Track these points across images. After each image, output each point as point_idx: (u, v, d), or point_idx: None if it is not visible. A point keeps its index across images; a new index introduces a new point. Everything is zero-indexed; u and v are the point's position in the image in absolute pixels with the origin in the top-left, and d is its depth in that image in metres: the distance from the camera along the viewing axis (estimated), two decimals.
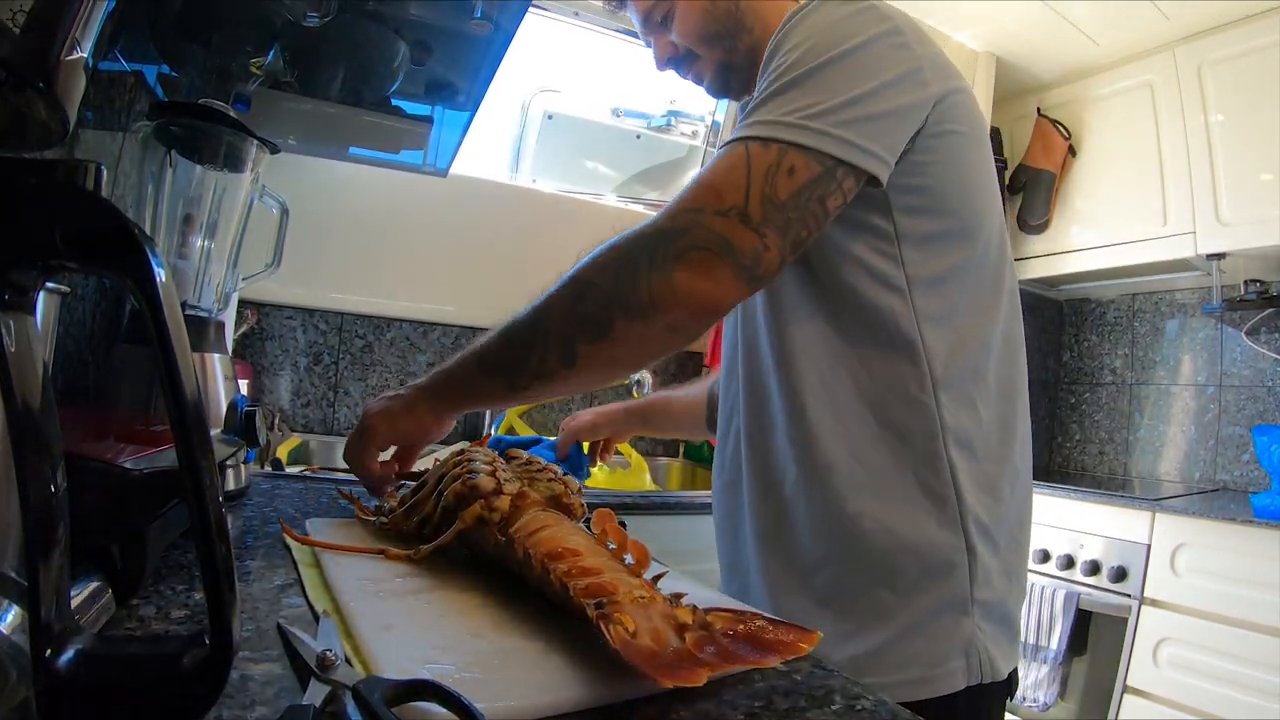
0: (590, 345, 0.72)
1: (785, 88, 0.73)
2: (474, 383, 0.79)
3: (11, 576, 0.33)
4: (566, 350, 0.73)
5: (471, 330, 1.93)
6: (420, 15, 1.04)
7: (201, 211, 0.95)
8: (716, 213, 0.69)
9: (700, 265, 0.68)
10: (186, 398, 0.31)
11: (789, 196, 0.70)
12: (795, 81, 0.72)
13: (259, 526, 0.76)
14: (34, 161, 0.31)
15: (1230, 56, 2.11)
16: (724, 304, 0.70)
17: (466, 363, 0.80)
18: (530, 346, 0.75)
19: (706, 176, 0.71)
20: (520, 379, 0.76)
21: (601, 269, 0.72)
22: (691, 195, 0.71)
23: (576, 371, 0.73)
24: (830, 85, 0.72)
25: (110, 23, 0.40)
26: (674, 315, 0.69)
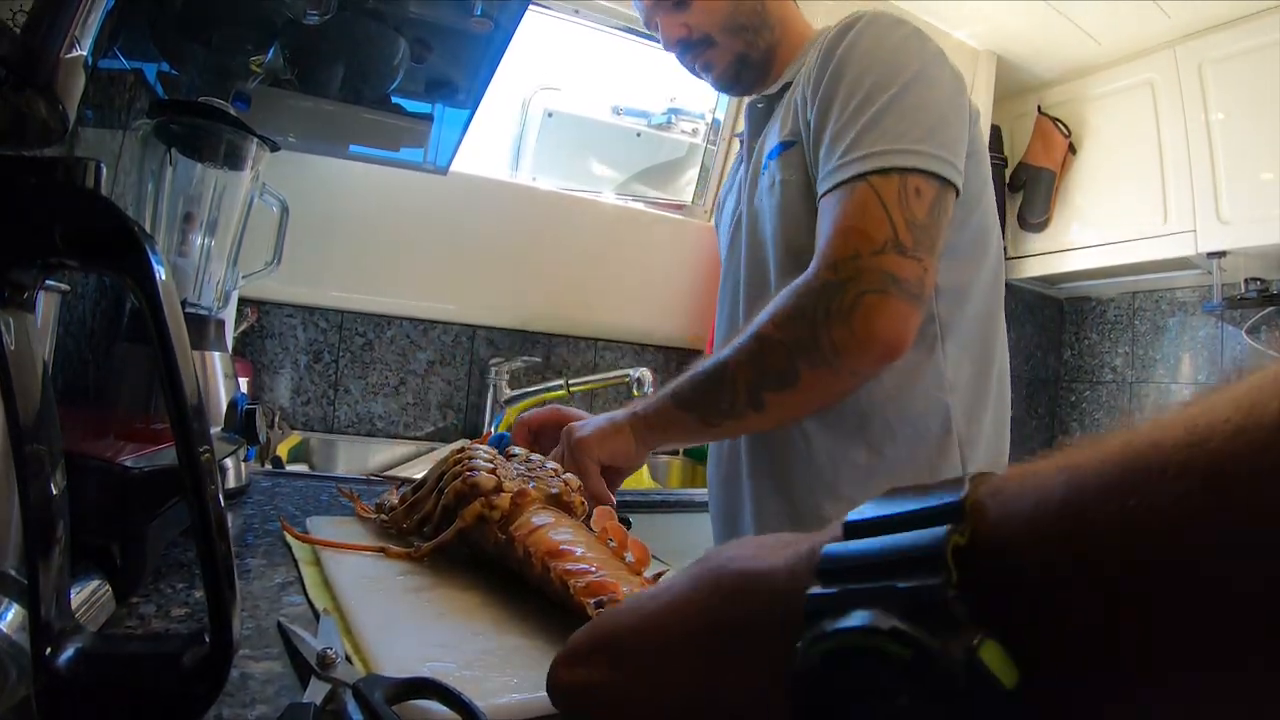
0: (777, 394, 0.76)
1: (877, 117, 0.76)
2: (670, 415, 0.84)
3: (12, 575, 0.33)
4: (754, 397, 0.77)
5: (472, 328, 1.93)
6: (420, 13, 1.04)
7: (201, 209, 0.95)
8: (873, 253, 0.72)
9: (874, 309, 0.71)
10: (186, 396, 0.31)
11: (926, 215, 0.75)
12: (884, 110, 0.76)
13: (259, 524, 0.76)
14: (34, 160, 0.31)
15: (1231, 55, 2.10)
16: (905, 339, 0.73)
17: (663, 399, 0.84)
18: (720, 391, 0.79)
19: (845, 222, 0.75)
20: (712, 417, 0.81)
21: (780, 325, 0.76)
22: (842, 243, 0.74)
23: (765, 414, 0.78)
24: (916, 111, 0.77)
25: (110, 21, 0.40)
26: (858, 361, 0.73)
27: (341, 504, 0.88)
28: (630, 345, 2.14)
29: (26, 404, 0.31)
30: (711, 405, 0.80)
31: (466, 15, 1.02)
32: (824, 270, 0.74)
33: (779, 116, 0.94)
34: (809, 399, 0.78)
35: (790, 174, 0.88)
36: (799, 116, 0.88)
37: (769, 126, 0.97)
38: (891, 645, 0.19)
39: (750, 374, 0.77)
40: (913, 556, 0.20)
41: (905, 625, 0.19)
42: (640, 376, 1.76)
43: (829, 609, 0.21)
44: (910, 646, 0.18)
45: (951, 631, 0.18)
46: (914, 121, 0.76)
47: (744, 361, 0.77)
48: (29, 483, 0.31)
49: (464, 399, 1.93)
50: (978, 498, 0.20)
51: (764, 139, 0.97)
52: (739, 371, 0.77)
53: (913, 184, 0.75)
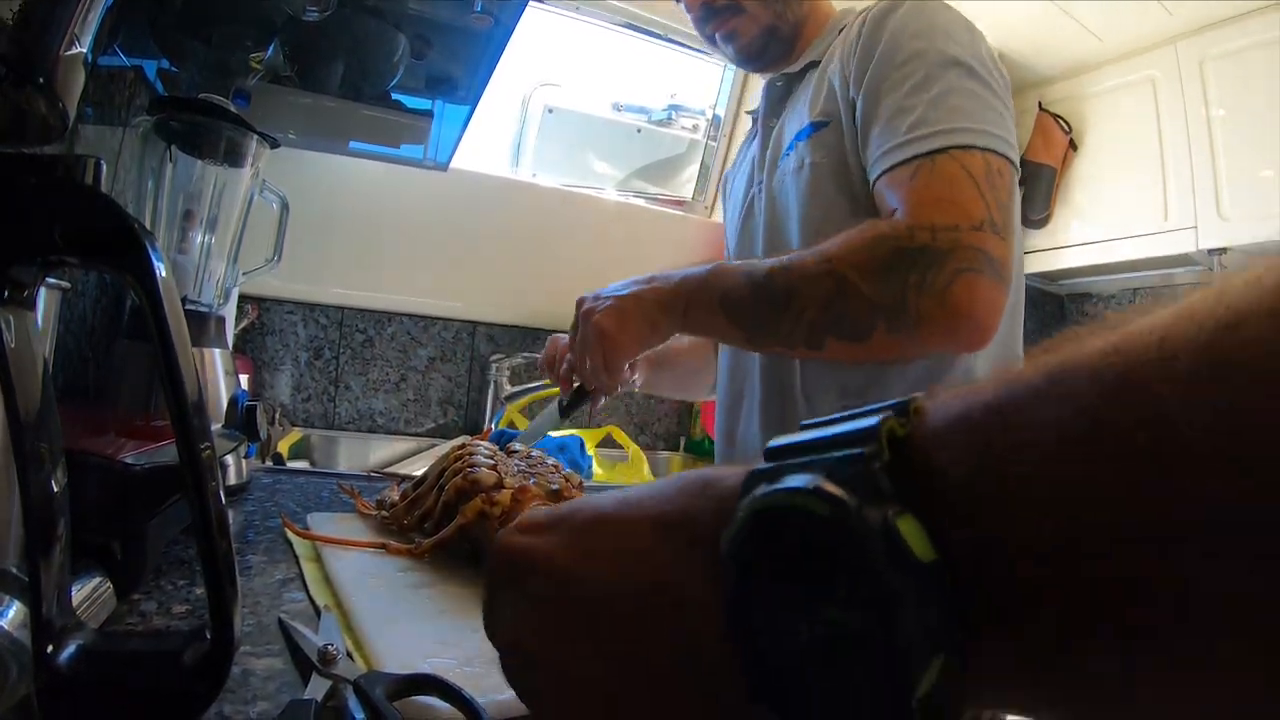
0: (841, 342, 0.72)
1: (945, 95, 0.74)
2: (713, 318, 0.78)
3: (13, 573, 0.33)
4: (815, 337, 0.73)
5: (473, 324, 1.93)
6: (420, 9, 1.03)
7: (202, 207, 0.95)
8: (972, 228, 0.69)
9: (972, 289, 0.68)
10: (187, 393, 0.31)
11: (1008, 198, 0.72)
12: (951, 90, 0.75)
13: (260, 521, 0.76)
14: (34, 158, 0.31)
15: (1232, 51, 2.10)
16: (995, 326, 0.70)
17: (709, 294, 0.78)
18: (779, 317, 0.74)
19: (937, 191, 0.71)
20: (760, 338, 0.77)
21: (866, 273, 0.70)
22: (938, 212, 0.70)
23: (819, 354, 0.75)
24: (981, 95, 0.75)
25: (110, 18, 0.40)
26: (942, 339, 0.70)
27: (342, 500, 0.88)
28: None
29: (27, 401, 0.31)
30: (764, 327, 0.75)
31: (466, 11, 1.02)
32: (920, 232, 0.70)
33: (805, 96, 0.91)
34: (871, 356, 0.75)
35: (821, 156, 0.85)
36: (836, 96, 0.85)
37: (791, 106, 0.94)
38: (813, 502, 0.19)
39: (820, 315, 0.72)
40: (852, 437, 0.20)
41: (828, 484, 0.19)
42: (638, 377, 1.76)
43: (765, 478, 0.21)
44: (830, 504, 0.19)
45: (874, 499, 0.19)
46: (983, 104, 0.75)
47: (817, 300, 0.72)
48: (30, 480, 0.31)
49: (464, 395, 1.93)
50: (921, 402, 0.21)
51: (784, 119, 0.94)
52: (808, 308, 0.72)
53: (995, 164, 0.73)
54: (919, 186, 0.72)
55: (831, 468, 0.20)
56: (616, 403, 2.14)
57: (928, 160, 0.73)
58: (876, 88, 0.79)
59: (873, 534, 0.18)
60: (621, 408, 2.16)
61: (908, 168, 0.74)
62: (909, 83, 0.76)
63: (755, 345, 0.78)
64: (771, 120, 0.98)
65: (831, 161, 0.85)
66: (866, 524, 0.18)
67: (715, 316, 0.78)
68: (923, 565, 0.18)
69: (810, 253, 0.75)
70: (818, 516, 0.19)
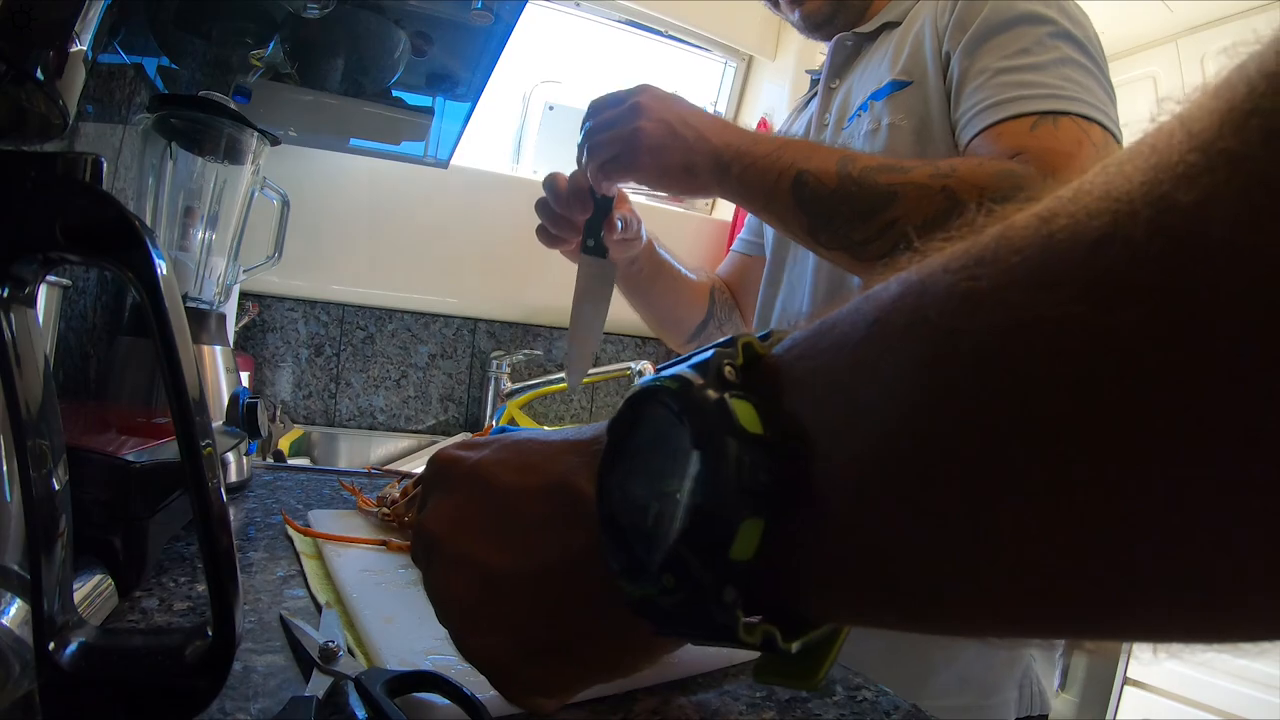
0: None
1: (1062, 62, 0.69)
2: (775, 195, 0.69)
3: (14, 570, 0.33)
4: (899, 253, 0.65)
5: (473, 321, 1.92)
6: (420, 6, 1.03)
7: (202, 204, 0.95)
8: None
9: None
10: (188, 390, 0.31)
11: None
12: (1066, 60, 0.69)
13: (261, 518, 0.76)
14: (34, 155, 0.31)
15: (1232, 50, 2.10)
16: None
17: (783, 172, 0.69)
18: (866, 218, 0.64)
19: (1067, 148, 0.64)
20: (825, 236, 0.67)
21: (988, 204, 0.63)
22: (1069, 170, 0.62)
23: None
24: (1095, 73, 0.70)
25: (110, 15, 0.40)
26: None
27: (343, 497, 0.88)
28: (631, 338, 2.13)
29: (28, 399, 0.31)
30: (839, 223, 0.65)
31: (467, 8, 1.02)
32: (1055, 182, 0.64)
33: (882, 56, 0.84)
34: None
35: (902, 117, 0.79)
36: (925, 55, 0.78)
37: (861, 67, 0.88)
38: (668, 381, 0.23)
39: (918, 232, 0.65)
40: (720, 345, 0.24)
41: (685, 371, 0.23)
42: (642, 369, 1.77)
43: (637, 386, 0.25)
44: (679, 382, 0.23)
45: (717, 384, 0.22)
46: (1097, 84, 0.69)
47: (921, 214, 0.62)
48: (31, 477, 0.31)
49: (465, 392, 1.93)
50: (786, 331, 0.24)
51: (851, 80, 0.89)
52: (905, 218, 0.63)
53: (1111, 147, 0.67)
54: (1043, 138, 0.65)
55: (695, 364, 0.23)
56: (617, 399, 2.14)
57: (1049, 119, 0.66)
58: (978, 47, 0.73)
59: (709, 406, 0.22)
60: None
61: (1023, 122, 0.67)
62: (1018, 45, 0.70)
63: (812, 240, 0.68)
64: (834, 82, 0.91)
65: (913, 123, 0.78)
66: (706, 398, 0.22)
67: (778, 194, 0.68)
68: (748, 434, 0.21)
69: (918, 161, 0.66)
70: (670, 390, 0.23)
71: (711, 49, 2.19)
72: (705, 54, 2.20)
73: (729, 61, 2.22)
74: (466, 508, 0.33)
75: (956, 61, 0.75)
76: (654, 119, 0.73)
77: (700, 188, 0.74)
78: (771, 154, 0.70)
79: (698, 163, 0.72)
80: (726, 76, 2.24)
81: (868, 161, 0.66)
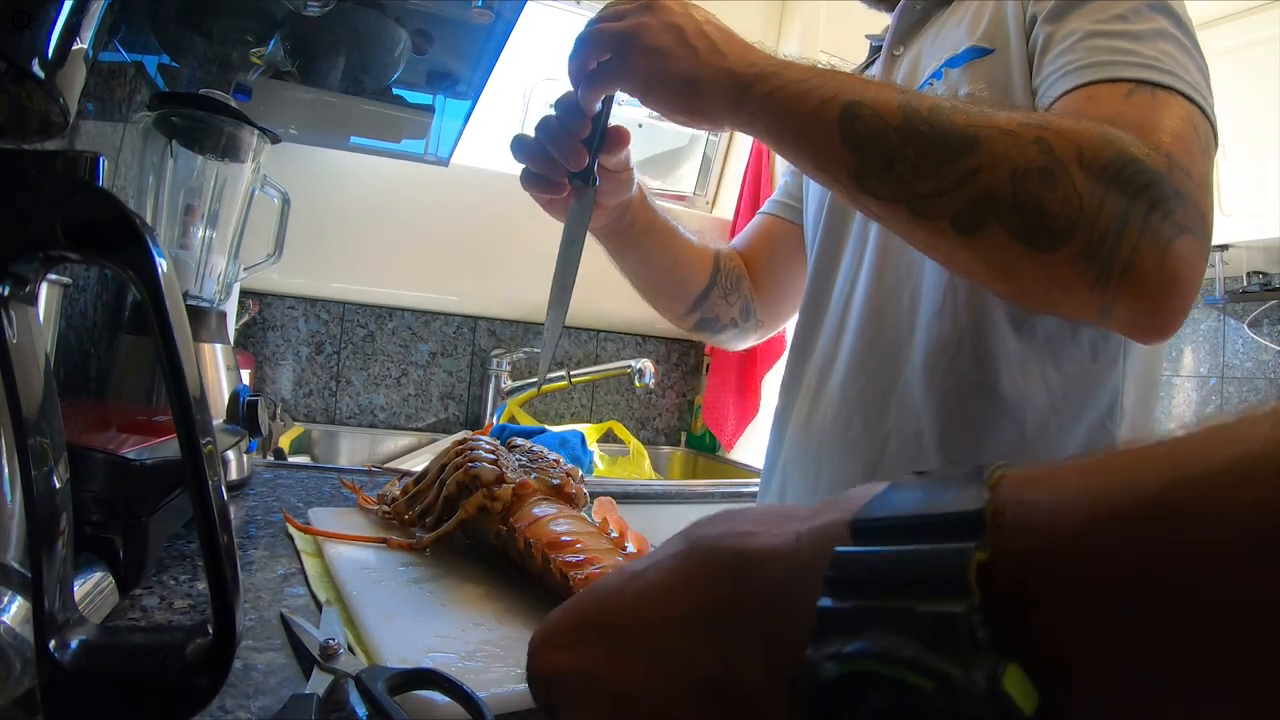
0: (1010, 239, 0.51)
1: (1158, 36, 0.60)
2: (817, 130, 0.57)
3: (15, 568, 0.33)
4: (976, 214, 0.51)
5: (474, 319, 1.92)
6: (421, 4, 1.03)
7: (203, 202, 0.95)
8: (1199, 184, 0.53)
9: (1192, 254, 0.51)
10: (188, 388, 0.31)
11: (1211, 176, 0.57)
12: (1164, 33, 0.61)
13: (261, 516, 0.76)
14: (35, 153, 0.31)
15: (1232, 49, 2.09)
16: (1186, 313, 0.54)
17: (826, 100, 0.56)
18: (933, 167, 0.53)
19: (1170, 123, 0.55)
20: (878, 184, 0.55)
21: (1089, 165, 0.50)
22: (1174, 143, 0.53)
23: (957, 242, 0.53)
24: (1194, 53, 0.61)
25: (110, 13, 0.40)
26: (1136, 302, 0.52)
27: (344, 496, 0.88)
28: (632, 336, 2.13)
29: (29, 397, 0.31)
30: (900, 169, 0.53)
31: (467, 6, 1.02)
32: (1158, 157, 0.52)
33: (958, 22, 0.77)
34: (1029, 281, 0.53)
35: (982, 87, 0.71)
36: (1008, 21, 0.71)
37: (931, 33, 0.81)
38: (912, 675, 0.18)
39: (1005, 187, 0.51)
40: (933, 574, 0.19)
41: (927, 655, 0.18)
42: (642, 368, 1.76)
43: (842, 626, 0.20)
44: (932, 678, 0.18)
45: (973, 658, 0.17)
46: (1196, 65, 0.61)
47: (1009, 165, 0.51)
48: (32, 475, 0.31)
49: (466, 390, 1.93)
50: (999, 504, 0.19)
51: (920, 47, 0.81)
52: (990, 169, 0.51)
53: (1207, 132, 0.57)
54: (1141, 107, 0.56)
55: (924, 627, 0.18)
56: (617, 398, 2.14)
57: (1147, 89, 0.57)
58: (1068, 11, 0.65)
59: (978, 695, 0.17)
60: (623, 403, 2.16)
61: (1118, 87, 0.58)
62: (1113, 11, 0.62)
63: (857, 186, 0.56)
64: (899, 49, 0.83)
65: (994, 94, 0.70)
66: (973, 689, 0.17)
67: (818, 125, 0.56)
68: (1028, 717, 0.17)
69: (1003, 107, 0.55)
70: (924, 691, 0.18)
71: None
72: None
73: None
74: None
75: (1041, 25, 0.67)
76: (661, 20, 0.62)
77: (708, 111, 0.62)
78: (810, 79, 0.58)
79: (705, 78, 0.61)
80: None
81: (938, 100, 0.55)
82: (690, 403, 2.26)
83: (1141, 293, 0.51)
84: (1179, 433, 0.17)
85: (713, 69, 0.60)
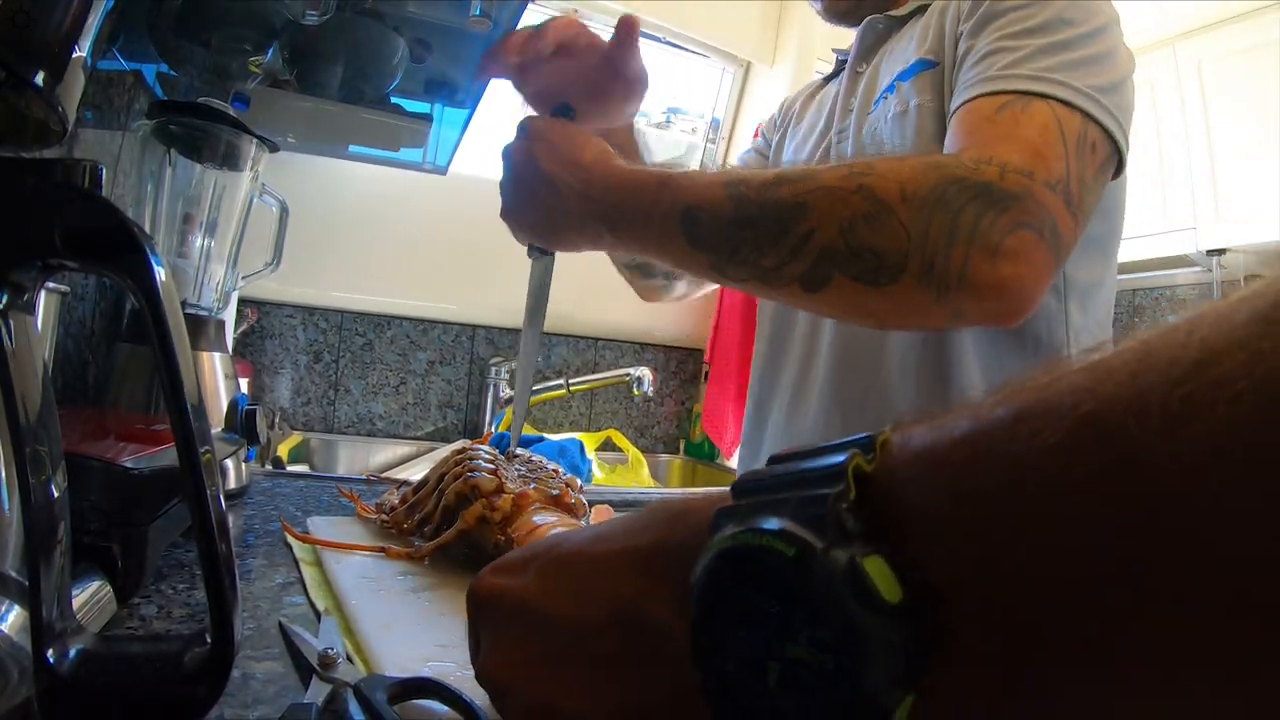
0: (855, 284, 0.55)
1: (1061, 46, 0.63)
2: (669, 242, 0.61)
3: (13, 576, 0.33)
4: (819, 271, 0.55)
5: (472, 328, 1.92)
6: (419, 13, 1.04)
7: (201, 210, 0.95)
8: (1047, 184, 0.56)
9: (1029, 250, 0.54)
10: (186, 396, 0.31)
11: (1092, 178, 0.61)
12: (1069, 44, 0.64)
13: (260, 525, 0.76)
14: (33, 161, 0.31)
15: (1231, 53, 2.10)
16: (1034, 303, 0.56)
17: (669, 212, 0.60)
18: (776, 240, 0.57)
19: (1023, 132, 0.59)
20: (733, 269, 0.59)
21: (910, 198, 0.54)
22: (1016, 151, 0.57)
23: (811, 299, 0.57)
24: (1103, 60, 0.64)
25: (109, 22, 0.40)
26: (974, 303, 0.55)
27: (342, 504, 0.88)
28: (630, 344, 2.14)
29: (27, 405, 0.31)
30: (747, 252, 0.58)
31: (465, 15, 1.02)
32: (987, 168, 0.55)
33: (910, 38, 0.81)
34: (879, 313, 0.58)
35: (927, 98, 0.75)
36: (946, 36, 0.75)
37: (890, 50, 0.85)
38: (779, 543, 0.19)
39: (837, 242, 0.55)
40: (818, 475, 0.21)
41: (794, 526, 0.19)
42: (641, 376, 1.76)
43: (733, 517, 0.22)
44: (797, 545, 0.19)
45: (840, 540, 0.19)
46: (1100, 69, 0.63)
47: (837, 221, 0.55)
48: (29, 483, 0.31)
49: (464, 399, 1.93)
50: (889, 435, 0.21)
51: (879, 63, 0.85)
52: (821, 229, 0.55)
53: (1091, 135, 0.61)
54: (1001, 122, 0.60)
55: (798, 507, 0.20)
56: (616, 406, 2.14)
57: (1019, 99, 0.61)
58: (984, 25, 0.69)
59: (839, 575, 0.18)
60: (621, 411, 2.16)
61: (993, 101, 0.62)
62: (1022, 25, 0.65)
63: (719, 275, 0.61)
64: (861, 65, 0.87)
65: (935, 105, 0.74)
66: (832, 565, 0.18)
67: (669, 238, 0.61)
68: (889, 605, 0.18)
69: (828, 166, 0.59)
70: (785, 557, 0.19)
71: (710, 55, 2.19)
72: (703, 60, 2.20)
73: (727, 67, 2.23)
74: (526, 647, 0.31)
75: (964, 39, 0.71)
76: (517, 175, 0.68)
77: (584, 246, 0.69)
78: (649, 198, 0.62)
79: (568, 225, 0.66)
80: (725, 82, 2.25)
81: (762, 176, 0.59)
82: (689, 410, 2.26)
83: (981, 294, 0.54)
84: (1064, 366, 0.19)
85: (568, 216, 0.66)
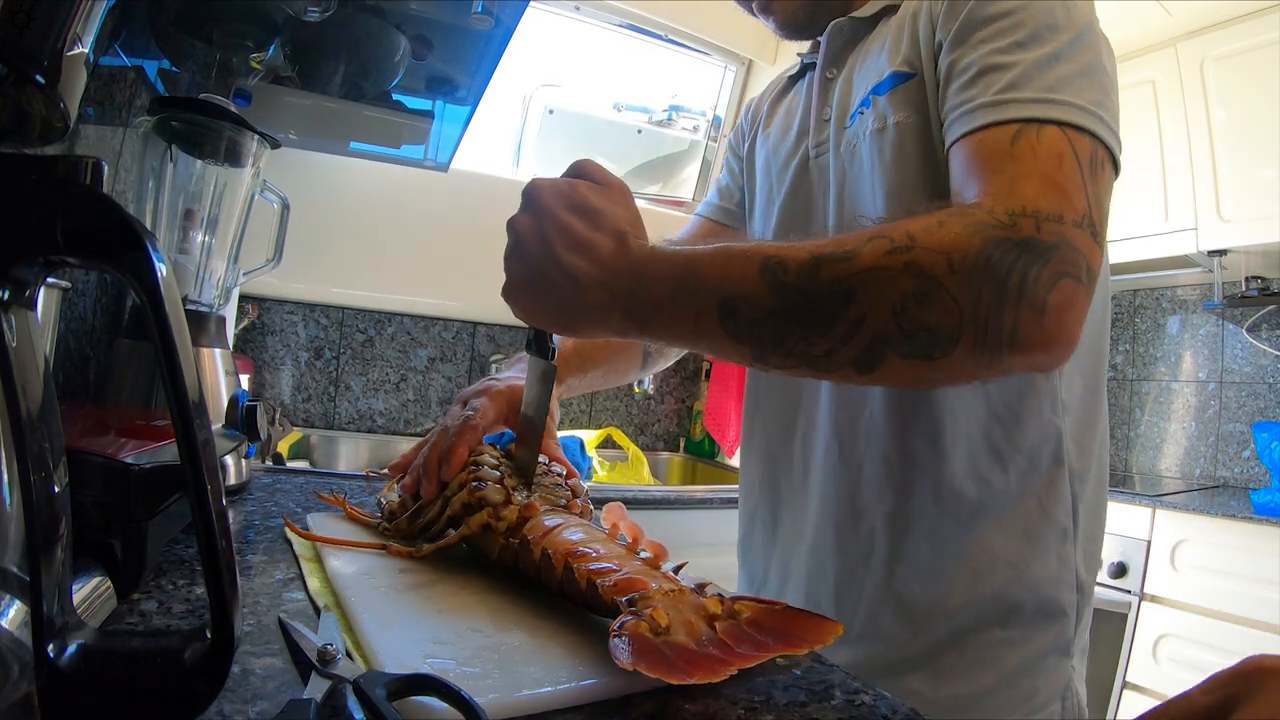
0: (907, 361, 0.53)
1: (1052, 60, 0.61)
2: (706, 335, 0.57)
3: (14, 572, 0.33)
4: (872, 354, 0.54)
5: (473, 325, 1.93)
6: (421, 10, 1.04)
7: (202, 206, 0.95)
8: (1075, 224, 0.55)
9: (1068, 298, 0.53)
10: (187, 393, 0.31)
11: (1106, 197, 0.59)
12: (1059, 56, 0.61)
13: (260, 521, 0.76)
14: (35, 157, 0.31)
15: (1232, 53, 2.10)
16: (1075, 346, 0.55)
17: (705, 306, 0.56)
18: (820, 331, 0.54)
19: (1045, 169, 0.57)
20: (778, 359, 0.56)
21: (958, 270, 0.52)
22: (1044, 194, 0.56)
23: (863, 379, 0.55)
24: (1093, 71, 0.63)
25: (111, 18, 0.40)
26: (1025, 358, 0.54)
27: None
28: None
29: (28, 401, 0.31)
30: (793, 342, 0.54)
31: (467, 12, 1.02)
32: (1024, 221, 0.54)
33: (881, 44, 0.76)
34: (936, 379, 0.57)
35: (906, 114, 0.71)
36: (922, 43, 0.70)
37: (860, 56, 0.79)
38: None
39: (889, 325, 0.52)
40: None
41: None
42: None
43: None
44: None
45: None
46: (1094, 79, 0.62)
47: (888, 304, 0.52)
48: (31, 479, 0.31)
49: None
50: None
51: (851, 71, 0.80)
52: (873, 314, 0.53)
53: (1100, 154, 0.59)
54: (1019, 156, 0.58)
55: None
56: (616, 403, 2.14)
57: (1032, 128, 0.58)
58: (967, 35, 0.65)
59: None
60: (621, 409, 2.16)
61: (1004, 131, 0.59)
62: (1010, 37, 0.62)
63: (764, 367, 0.57)
64: (831, 71, 0.82)
65: (916, 121, 0.70)
66: None
67: (706, 334, 0.57)
68: None
69: (868, 236, 0.55)
70: None
71: (711, 53, 2.19)
72: (705, 58, 2.20)
73: (729, 65, 2.23)
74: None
75: (946, 52, 0.67)
76: (526, 257, 0.59)
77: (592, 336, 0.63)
78: (677, 292, 0.57)
79: (587, 319, 0.59)
80: (726, 80, 2.25)
81: (796, 258, 0.55)
82: (689, 408, 2.26)
83: (1031, 350, 0.53)
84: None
85: (587, 308, 0.58)
